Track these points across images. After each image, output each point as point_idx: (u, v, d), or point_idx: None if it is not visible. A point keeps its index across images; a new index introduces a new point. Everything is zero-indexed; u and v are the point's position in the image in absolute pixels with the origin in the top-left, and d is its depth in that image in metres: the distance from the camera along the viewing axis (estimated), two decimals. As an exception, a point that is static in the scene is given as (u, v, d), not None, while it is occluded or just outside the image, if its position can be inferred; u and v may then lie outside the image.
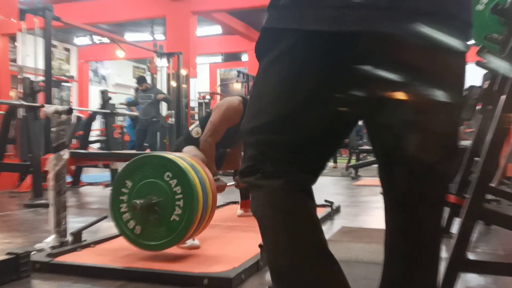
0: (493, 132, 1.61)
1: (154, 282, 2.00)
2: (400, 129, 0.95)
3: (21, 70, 5.67)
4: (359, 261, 2.31)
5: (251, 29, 13.37)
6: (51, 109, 2.47)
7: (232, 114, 3.16)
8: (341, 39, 0.89)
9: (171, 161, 2.20)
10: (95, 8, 10.83)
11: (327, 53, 0.92)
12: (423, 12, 0.89)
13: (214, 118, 3.18)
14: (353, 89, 0.93)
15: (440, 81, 0.94)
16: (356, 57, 0.91)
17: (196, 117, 11.66)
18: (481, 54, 2.11)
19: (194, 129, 3.37)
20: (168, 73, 9.20)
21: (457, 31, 0.95)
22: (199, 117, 3.01)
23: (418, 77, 0.91)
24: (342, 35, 0.89)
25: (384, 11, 0.88)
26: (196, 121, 3.53)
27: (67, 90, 15.16)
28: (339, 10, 0.88)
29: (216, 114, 3.18)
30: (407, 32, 0.88)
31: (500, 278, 2.02)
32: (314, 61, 0.94)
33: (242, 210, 3.53)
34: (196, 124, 3.41)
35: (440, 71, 0.93)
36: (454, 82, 0.98)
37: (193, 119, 10.85)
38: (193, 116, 11.98)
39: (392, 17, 0.88)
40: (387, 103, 0.94)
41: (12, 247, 2.62)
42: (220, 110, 3.18)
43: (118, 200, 2.25)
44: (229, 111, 3.16)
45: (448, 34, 0.92)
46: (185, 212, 2.14)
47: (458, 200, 2.81)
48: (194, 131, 3.35)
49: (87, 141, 6.89)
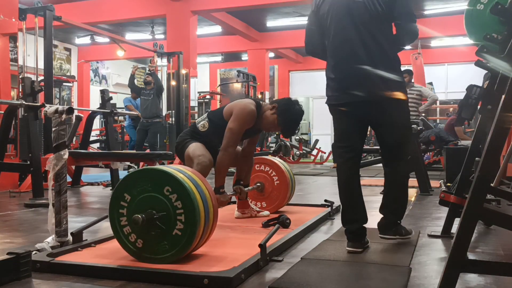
0: (493, 132, 1.61)
1: (154, 282, 2.01)
2: (385, 130, 2.65)
3: (22, 70, 5.67)
4: (359, 261, 2.31)
5: (251, 29, 13.38)
6: (52, 109, 2.47)
7: (250, 120, 3.24)
8: (345, 106, 2.62)
9: (170, 176, 2.19)
10: (95, 8, 10.83)
11: (347, 111, 2.62)
12: (379, 91, 2.55)
13: (234, 126, 3.18)
14: (361, 118, 2.64)
15: (397, 112, 2.60)
16: (362, 108, 2.59)
17: (196, 117, 11.65)
18: (481, 54, 2.11)
19: (201, 122, 3.37)
20: (168, 73, 9.20)
21: (400, 89, 2.60)
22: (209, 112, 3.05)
23: (387, 112, 2.57)
24: (345, 103, 2.61)
25: (355, 94, 2.55)
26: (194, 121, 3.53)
27: (68, 90, 15.16)
28: (343, 96, 2.60)
29: (236, 121, 3.18)
30: (372, 97, 2.56)
31: (500, 278, 2.02)
32: (345, 114, 2.63)
33: (239, 212, 3.53)
34: (204, 118, 3.41)
35: (396, 108, 2.59)
36: (403, 111, 2.66)
37: (193, 119, 10.86)
38: (193, 116, 11.99)
39: (357, 96, 2.55)
40: (379, 122, 2.65)
41: (12, 247, 2.62)
42: (239, 117, 3.19)
43: (118, 213, 2.25)
44: (248, 118, 3.22)
45: (395, 91, 2.57)
46: (188, 227, 2.14)
47: (458, 200, 2.81)
48: (200, 124, 3.36)
49: (87, 141, 6.89)
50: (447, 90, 15.28)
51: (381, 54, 2.53)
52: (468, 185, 2.52)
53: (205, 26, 12.85)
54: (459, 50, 14.64)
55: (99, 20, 11.07)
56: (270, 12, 12.25)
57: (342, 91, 2.58)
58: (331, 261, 2.32)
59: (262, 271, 2.17)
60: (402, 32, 2.57)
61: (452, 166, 5.40)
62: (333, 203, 3.82)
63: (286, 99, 3.40)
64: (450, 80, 15.85)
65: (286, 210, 3.81)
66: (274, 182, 3.74)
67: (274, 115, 3.27)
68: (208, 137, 3.30)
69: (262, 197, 3.77)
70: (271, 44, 14.14)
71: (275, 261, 2.34)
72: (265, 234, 2.42)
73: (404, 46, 2.66)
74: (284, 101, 3.35)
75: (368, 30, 2.53)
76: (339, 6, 2.59)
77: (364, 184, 6.49)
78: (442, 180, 6.22)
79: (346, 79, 2.57)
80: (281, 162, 3.83)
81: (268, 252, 2.31)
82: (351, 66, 2.54)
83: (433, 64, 15.45)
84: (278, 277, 2.04)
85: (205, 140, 3.29)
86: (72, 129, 2.70)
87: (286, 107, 3.28)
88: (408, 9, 2.56)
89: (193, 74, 10.08)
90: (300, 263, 2.28)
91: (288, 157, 12.03)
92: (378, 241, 2.74)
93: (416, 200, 4.86)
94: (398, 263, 2.27)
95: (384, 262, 2.28)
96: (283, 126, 3.31)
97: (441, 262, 2.35)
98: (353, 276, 2.06)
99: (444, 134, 7.16)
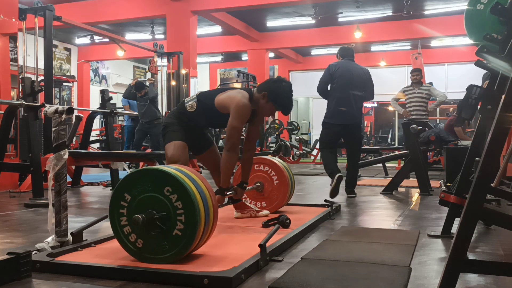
0: (493, 132, 1.61)
1: (154, 282, 2.00)
2: (350, 138, 5.12)
3: (22, 70, 5.67)
4: (359, 261, 2.31)
5: (251, 29, 13.38)
6: (52, 109, 2.47)
7: (248, 114, 3.28)
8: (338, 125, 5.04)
9: (170, 176, 2.18)
10: (95, 8, 10.84)
11: (341, 127, 5.01)
12: (353, 119, 5.02)
13: (238, 124, 3.21)
14: (342, 132, 5.06)
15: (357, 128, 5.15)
16: (342, 129, 5.01)
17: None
18: (481, 54, 2.11)
19: (189, 102, 3.39)
20: (168, 73, 9.20)
21: (361, 120, 5.39)
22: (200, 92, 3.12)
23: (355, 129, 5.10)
24: (340, 124, 4.99)
25: (344, 122, 5.00)
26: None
27: (68, 90, 15.16)
28: (339, 119, 4.97)
29: (238, 119, 3.20)
30: (350, 123, 5.00)
31: (500, 278, 2.02)
32: (334, 127, 5.00)
33: (239, 212, 3.53)
34: (193, 98, 3.41)
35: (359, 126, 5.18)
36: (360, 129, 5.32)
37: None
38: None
39: (345, 122, 5.00)
40: (349, 133, 5.10)
41: (12, 247, 2.62)
42: (239, 114, 3.21)
43: (118, 213, 2.25)
44: (246, 113, 3.26)
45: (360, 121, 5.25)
46: (188, 227, 2.14)
47: (458, 200, 2.81)
48: (189, 104, 3.38)
49: (87, 141, 6.89)
50: (447, 90, 15.24)
51: (360, 102, 5.14)
52: (468, 185, 2.51)
53: (205, 26, 12.85)
54: (459, 50, 14.66)
55: (99, 20, 11.07)
56: (270, 12, 12.26)
57: (339, 117, 4.99)
58: (331, 261, 2.32)
59: (262, 271, 2.17)
60: (368, 94, 5.14)
61: (452, 166, 5.40)
62: (333, 203, 3.83)
63: (271, 83, 3.40)
64: (450, 80, 15.86)
65: (286, 210, 3.81)
66: (274, 182, 3.74)
67: (269, 103, 3.33)
68: (195, 119, 3.34)
69: (262, 197, 3.77)
70: (271, 44, 14.15)
71: (275, 261, 2.34)
72: (265, 234, 2.42)
73: (368, 101, 5.45)
74: (271, 86, 3.36)
75: (358, 90, 5.03)
76: (346, 74, 5.02)
77: (364, 184, 6.50)
78: (442, 180, 6.22)
79: (344, 112, 4.97)
80: (280, 162, 3.82)
81: (268, 252, 2.31)
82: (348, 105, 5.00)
83: (433, 64, 15.46)
84: (278, 277, 2.04)
85: (190, 124, 3.32)
86: (72, 129, 2.70)
87: (276, 90, 3.32)
88: (372, 87, 5.16)
89: (193, 74, 10.08)
90: (300, 263, 2.28)
91: (288, 157, 12.03)
92: (378, 241, 2.74)
93: (416, 200, 4.86)
94: (398, 263, 2.27)
95: (384, 262, 2.28)
96: (281, 108, 3.41)
97: (441, 262, 2.35)
98: (353, 276, 2.06)
99: (444, 134, 7.16)
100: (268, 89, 3.33)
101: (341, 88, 4.93)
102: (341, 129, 4.97)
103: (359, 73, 5.06)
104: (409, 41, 14.62)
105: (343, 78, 4.95)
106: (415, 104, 7.48)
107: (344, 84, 4.94)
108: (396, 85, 14.73)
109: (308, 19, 12.43)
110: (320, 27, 13.24)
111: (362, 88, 5.03)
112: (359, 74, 5.06)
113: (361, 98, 5.05)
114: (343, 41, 13.86)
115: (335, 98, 4.93)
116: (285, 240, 2.64)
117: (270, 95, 3.31)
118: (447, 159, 5.74)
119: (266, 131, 12.85)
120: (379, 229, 3.27)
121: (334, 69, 4.99)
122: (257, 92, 3.37)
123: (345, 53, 5.20)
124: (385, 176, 7.80)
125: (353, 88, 4.94)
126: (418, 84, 7.54)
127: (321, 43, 14.50)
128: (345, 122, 4.93)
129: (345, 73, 4.98)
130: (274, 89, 3.32)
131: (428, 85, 7.79)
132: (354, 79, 4.98)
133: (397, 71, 16.53)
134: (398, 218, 3.73)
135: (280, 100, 3.33)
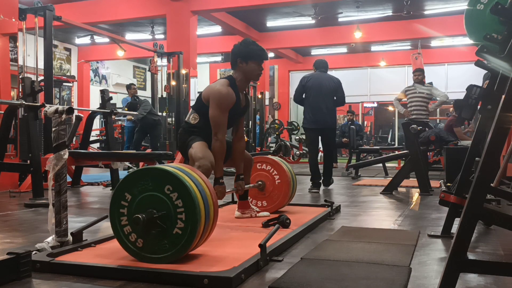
0: (493, 132, 1.61)
1: (154, 282, 2.00)
2: (325, 139, 5.92)
3: (22, 70, 5.67)
4: (359, 261, 2.31)
5: (251, 29, 13.38)
6: (52, 109, 2.47)
7: (229, 101, 3.23)
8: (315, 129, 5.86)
9: (171, 174, 2.18)
10: (95, 8, 10.84)
11: (317, 130, 5.83)
12: (326, 123, 5.78)
13: (215, 113, 3.19)
14: (319, 134, 5.88)
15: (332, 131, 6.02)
16: (321, 130, 5.82)
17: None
18: (481, 54, 2.11)
19: (190, 116, 3.40)
20: (168, 73, 9.20)
21: (335, 123, 6.13)
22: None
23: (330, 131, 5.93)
24: (316, 128, 5.80)
25: (319, 127, 5.80)
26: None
27: (68, 90, 15.16)
28: (315, 124, 5.75)
29: (216, 109, 3.19)
30: (324, 127, 5.80)
31: (500, 278, 2.02)
32: (313, 131, 5.83)
33: (240, 212, 3.53)
34: (191, 112, 3.42)
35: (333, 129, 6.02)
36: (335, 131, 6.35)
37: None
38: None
39: (320, 127, 5.80)
40: (324, 135, 5.91)
41: (12, 247, 2.62)
42: (216, 103, 3.19)
43: (118, 213, 2.25)
44: (226, 100, 3.22)
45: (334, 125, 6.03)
46: (188, 226, 2.14)
47: (458, 200, 2.81)
48: (191, 118, 3.38)
49: (87, 141, 6.89)
50: (447, 90, 15.23)
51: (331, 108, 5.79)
52: (468, 185, 2.52)
53: (205, 26, 12.85)
54: (459, 50, 14.65)
55: (99, 20, 11.07)
56: (270, 12, 12.25)
57: (314, 123, 5.76)
58: (331, 261, 2.32)
59: (262, 271, 2.17)
60: (339, 100, 5.79)
61: (452, 166, 5.40)
62: (333, 203, 3.83)
63: (233, 52, 3.42)
64: (450, 80, 15.86)
65: (286, 210, 3.81)
66: (275, 181, 3.74)
67: (248, 63, 3.33)
68: (203, 127, 3.30)
69: (263, 196, 3.77)
70: (271, 44, 14.14)
71: (275, 261, 2.34)
72: (265, 234, 2.42)
73: (339, 107, 5.99)
74: (236, 52, 3.39)
75: (328, 98, 5.72)
76: (316, 84, 5.72)
77: (364, 184, 6.51)
78: (442, 180, 6.22)
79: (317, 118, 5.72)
80: (282, 161, 3.82)
81: (268, 252, 2.31)
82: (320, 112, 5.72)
83: (433, 64, 15.46)
84: (278, 277, 2.04)
85: (202, 133, 3.30)
86: (72, 129, 2.70)
87: (242, 49, 3.35)
88: (342, 94, 5.83)
89: (193, 74, 10.08)
90: (300, 263, 2.28)
91: (288, 157, 12.02)
92: (378, 241, 2.74)
93: (416, 200, 4.86)
94: (398, 263, 2.27)
95: (384, 262, 2.28)
96: (258, 57, 3.36)
97: (441, 262, 2.35)
98: (353, 276, 2.06)
99: (444, 134, 7.15)
100: (236, 56, 3.35)
101: (313, 97, 5.68)
102: (318, 132, 5.81)
103: (329, 83, 5.76)
104: (409, 41, 14.62)
105: (313, 88, 5.69)
106: (415, 104, 7.47)
107: (315, 94, 5.68)
108: (396, 85, 14.76)
109: (308, 19, 12.43)
110: (320, 27, 13.24)
111: (332, 96, 5.74)
112: (329, 83, 5.75)
113: (332, 105, 5.74)
114: (343, 41, 13.90)
115: (309, 106, 5.71)
116: (285, 240, 2.64)
117: (242, 57, 3.33)
118: (447, 159, 5.74)
119: (266, 131, 12.85)
120: (379, 229, 3.27)
121: (306, 81, 5.75)
122: (235, 71, 3.40)
123: (319, 66, 5.96)
124: (385, 176, 7.80)
125: (324, 96, 5.68)
126: (419, 84, 7.54)
127: (321, 43, 14.50)
128: (319, 127, 5.73)
129: (315, 83, 5.71)
130: (239, 51, 3.35)
131: (429, 85, 7.78)
132: (323, 89, 5.70)
133: (397, 71, 16.54)
134: (398, 218, 3.73)
135: (251, 52, 3.33)
